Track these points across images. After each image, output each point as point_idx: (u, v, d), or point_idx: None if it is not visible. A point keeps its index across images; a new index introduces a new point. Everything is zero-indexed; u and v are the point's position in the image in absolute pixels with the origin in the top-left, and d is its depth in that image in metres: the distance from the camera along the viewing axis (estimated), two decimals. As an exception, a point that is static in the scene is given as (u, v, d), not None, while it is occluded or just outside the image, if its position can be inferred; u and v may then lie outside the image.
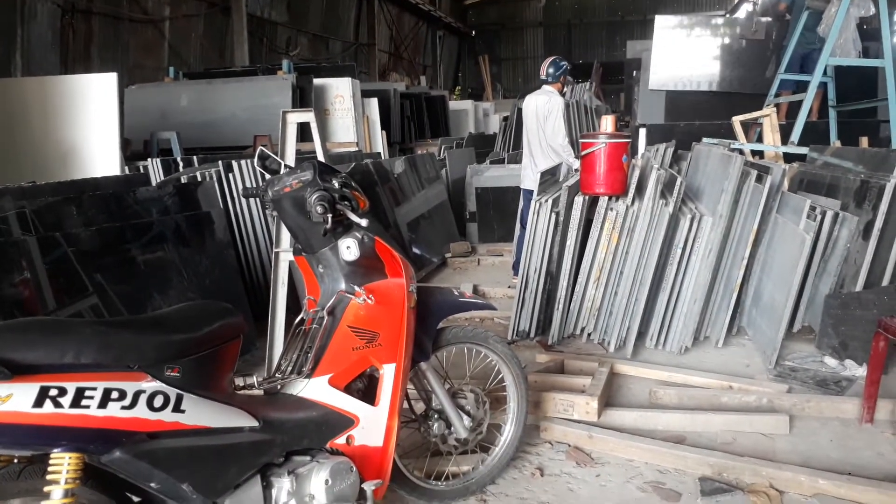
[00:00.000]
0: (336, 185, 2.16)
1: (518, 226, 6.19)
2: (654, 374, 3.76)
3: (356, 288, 2.22)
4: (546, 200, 4.37)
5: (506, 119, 11.75)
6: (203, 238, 4.21)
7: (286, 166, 2.44)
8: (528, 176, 6.10)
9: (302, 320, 2.35)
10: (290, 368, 2.27)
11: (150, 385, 1.75)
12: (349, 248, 2.21)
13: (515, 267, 5.84)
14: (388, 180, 6.72)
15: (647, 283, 4.10)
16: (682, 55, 9.50)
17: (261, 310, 4.36)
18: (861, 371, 3.62)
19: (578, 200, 4.34)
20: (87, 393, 1.63)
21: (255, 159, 2.47)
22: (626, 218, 4.19)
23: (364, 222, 2.15)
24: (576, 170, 5.28)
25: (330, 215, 2.08)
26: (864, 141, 6.96)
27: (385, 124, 11.05)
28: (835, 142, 7.33)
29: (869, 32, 7.22)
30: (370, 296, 2.20)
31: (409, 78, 22.59)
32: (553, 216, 4.33)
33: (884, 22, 6.77)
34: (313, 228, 2.20)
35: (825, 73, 7.52)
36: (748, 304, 4.47)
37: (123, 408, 1.68)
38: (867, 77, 7.66)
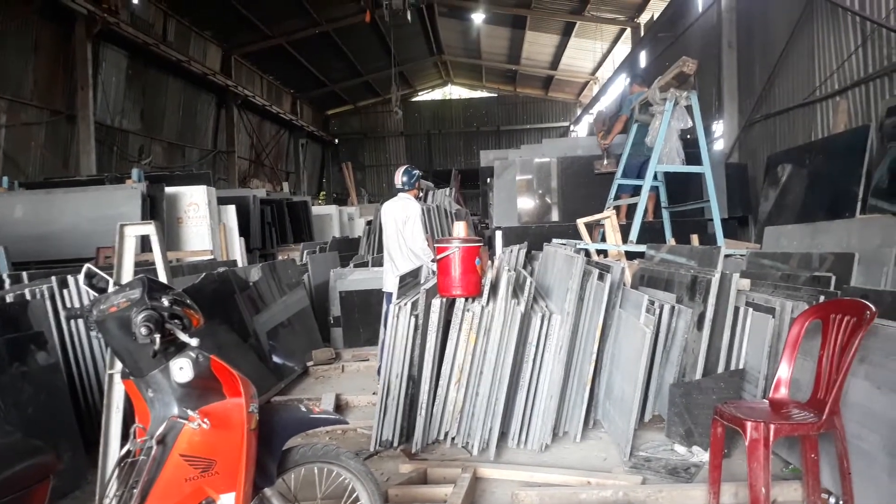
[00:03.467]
0: (166, 302, 2.05)
1: (382, 329, 6.15)
2: (517, 476, 3.74)
3: (190, 412, 2.06)
4: (405, 304, 4.38)
5: (370, 223, 11.90)
6: (26, 362, 3.80)
7: (115, 284, 2.29)
8: (389, 279, 6.14)
9: (129, 452, 2.14)
10: (114, 508, 2.03)
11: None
12: (182, 369, 2.08)
13: (381, 371, 5.74)
14: (247, 288, 6.49)
15: (506, 382, 4.15)
16: (545, 194, 10.14)
17: (96, 438, 3.94)
18: (707, 457, 3.79)
19: (436, 303, 4.38)
20: None
21: (82, 277, 2.31)
22: (483, 318, 4.27)
23: (194, 342, 2.03)
24: (433, 272, 5.38)
25: (158, 336, 1.95)
26: (695, 238, 7.65)
27: (245, 231, 10.82)
28: (670, 239, 7.99)
29: (691, 142, 8.09)
30: (205, 420, 2.05)
31: (272, 184, 22.53)
32: (412, 319, 4.33)
33: (700, 133, 7.63)
34: (141, 350, 2.05)
35: (656, 177, 8.31)
36: (601, 397, 4.62)
37: None
38: (695, 181, 8.53)
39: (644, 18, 19.65)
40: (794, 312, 3.90)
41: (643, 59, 19.26)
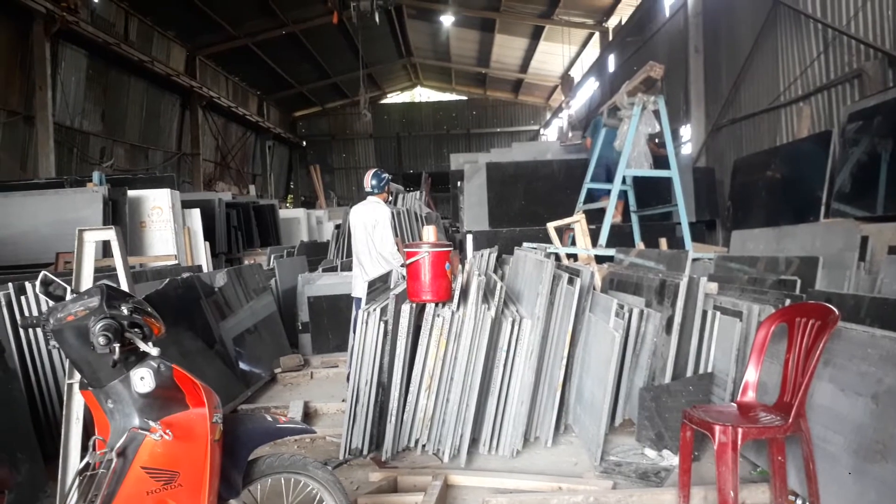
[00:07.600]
0: (125, 311, 1.98)
1: (352, 335, 6.08)
2: (488, 482, 3.71)
3: (151, 423, 1.99)
4: (374, 310, 4.33)
5: (338, 227, 11.81)
6: (-19, 372, 3.66)
7: (73, 292, 2.21)
8: (358, 284, 6.08)
9: (88, 464, 2.07)
10: (72, 524, 1.96)
11: None
12: (143, 380, 2.01)
13: (350, 378, 5.67)
14: (213, 294, 6.37)
15: (476, 387, 4.12)
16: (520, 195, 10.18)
17: (56, 450, 3.82)
18: (677, 460, 3.80)
19: (406, 308, 4.33)
20: None
21: (38, 285, 2.23)
22: (453, 324, 4.23)
23: (155, 351, 1.96)
24: (403, 276, 5.34)
25: (117, 345, 1.88)
26: (663, 242, 7.72)
27: (210, 235, 10.65)
28: (639, 243, 8.06)
29: (659, 146, 8.15)
30: (167, 431, 1.98)
31: (238, 187, 22.25)
32: (382, 325, 4.28)
33: (667, 137, 7.70)
34: (100, 360, 1.98)
35: (624, 182, 8.37)
36: (572, 401, 4.62)
37: None
38: (663, 185, 8.60)
39: (612, 23, 19.87)
40: (761, 316, 3.94)
41: (611, 63, 19.47)
